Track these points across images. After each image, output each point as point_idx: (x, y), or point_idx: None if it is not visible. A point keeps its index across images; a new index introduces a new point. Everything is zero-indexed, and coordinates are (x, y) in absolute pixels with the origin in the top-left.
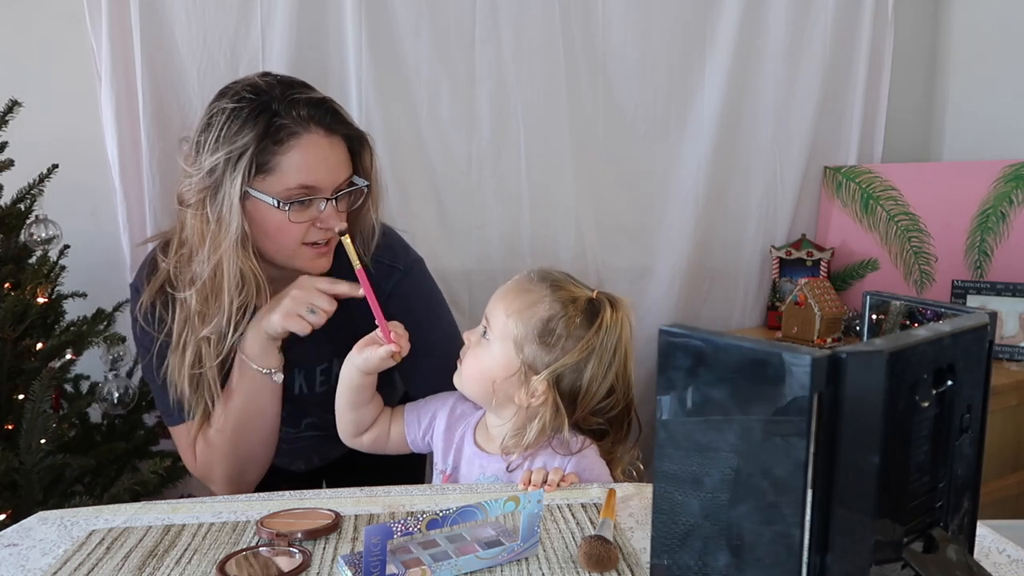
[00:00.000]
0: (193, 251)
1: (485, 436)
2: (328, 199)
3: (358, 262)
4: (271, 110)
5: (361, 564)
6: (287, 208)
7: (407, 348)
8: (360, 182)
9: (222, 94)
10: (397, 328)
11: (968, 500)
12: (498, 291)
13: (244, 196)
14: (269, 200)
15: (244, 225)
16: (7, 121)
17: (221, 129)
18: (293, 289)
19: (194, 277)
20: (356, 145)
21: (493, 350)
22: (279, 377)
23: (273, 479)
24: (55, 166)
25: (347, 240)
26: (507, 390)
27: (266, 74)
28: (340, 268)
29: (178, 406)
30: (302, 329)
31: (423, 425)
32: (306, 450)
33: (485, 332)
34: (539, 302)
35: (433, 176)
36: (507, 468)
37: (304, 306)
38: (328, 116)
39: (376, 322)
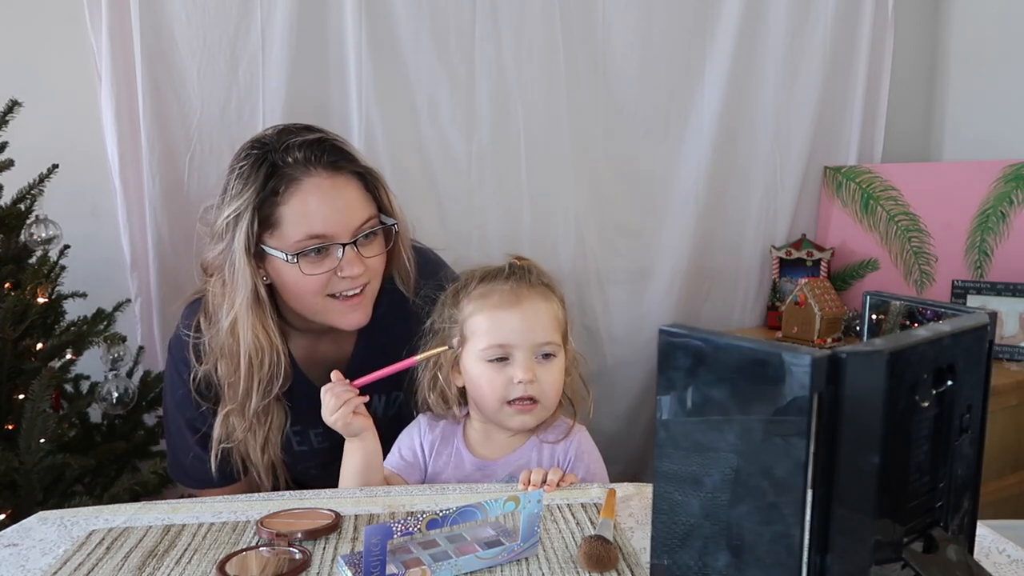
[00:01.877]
0: (214, 319)
1: (485, 446)
2: (345, 244)
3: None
4: (270, 161)
5: (361, 564)
6: (295, 261)
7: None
8: (388, 221)
9: (237, 153)
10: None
11: (968, 500)
12: (517, 320)
13: (259, 255)
14: (280, 255)
15: (259, 286)
16: (7, 121)
17: (229, 189)
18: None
19: (214, 344)
20: (370, 182)
21: (560, 360)
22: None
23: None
24: (55, 166)
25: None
26: None
27: (279, 126)
28: (385, 316)
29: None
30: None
31: (420, 468)
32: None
33: (546, 356)
34: (548, 293)
35: (433, 176)
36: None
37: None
38: (326, 154)
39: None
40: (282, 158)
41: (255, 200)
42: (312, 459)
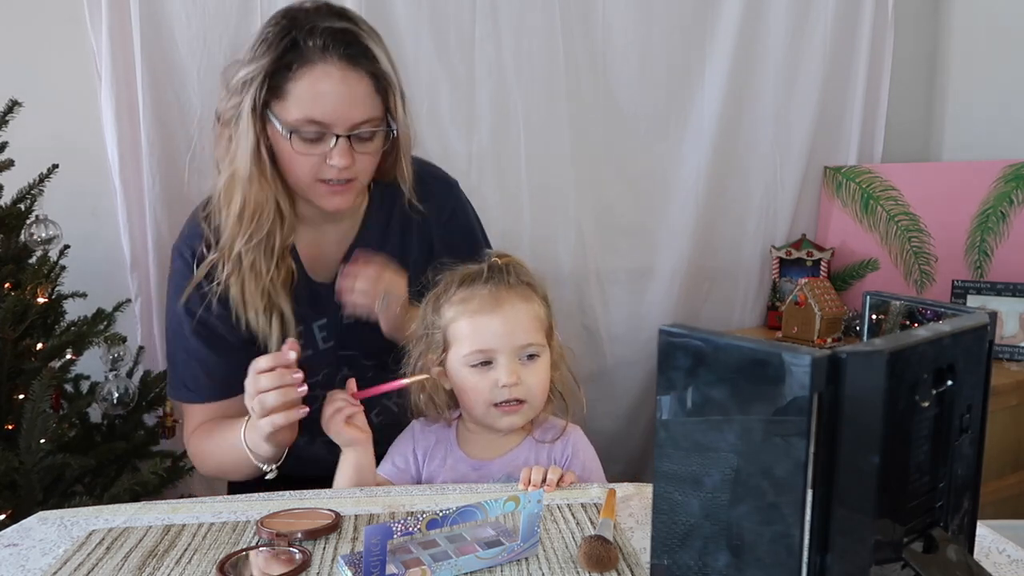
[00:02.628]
0: (219, 169)
1: (479, 447)
2: (339, 136)
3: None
4: (293, 36)
5: (361, 564)
6: (288, 138)
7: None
8: (393, 126)
9: (270, 18)
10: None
11: (968, 500)
12: (498, 324)
13: (265, 117)
14: (278, 127)
15: (261, 145)
16: (7, 121)
17: (253, 49)
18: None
19: (214, 198)
20: (383, 84)
21: (545, 359)
22: (272, 475)
23: (284, 485)
24: (55, 166)
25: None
26: None
27: (325, 3)
28: (385, 214)
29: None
30: (285, 419)
31: (415, 473)
32: (317, 458)
33: (530, 357)
34: (528, 291)
35: None
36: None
37: (256, 403)
38: (348, 47)
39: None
40: (305, 38)
41: (269, 68)
42: (319, 366)
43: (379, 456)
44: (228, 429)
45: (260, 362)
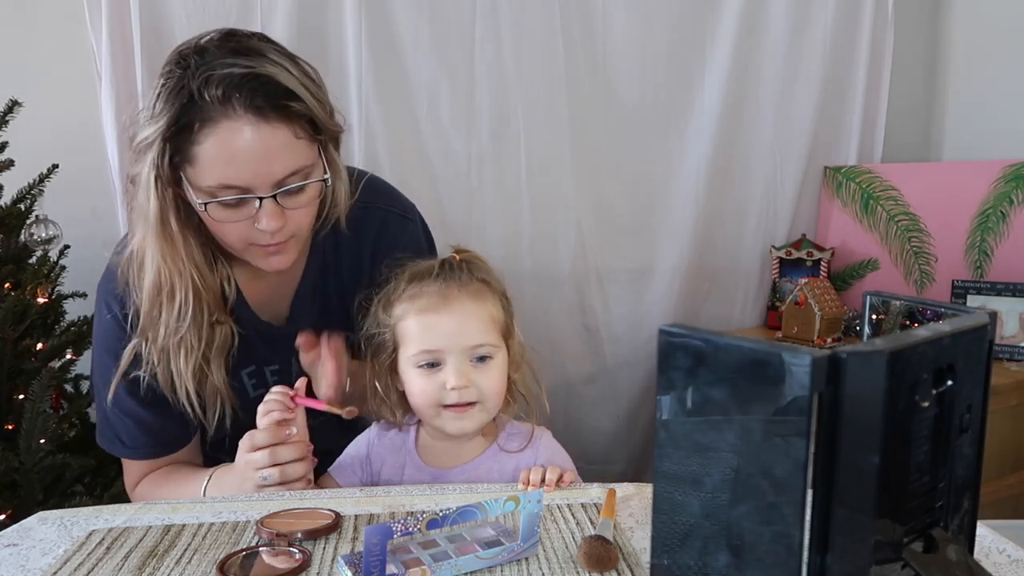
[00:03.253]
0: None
1: (439, 455)
2: (263, 198)
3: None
4: (188, 89)
5: (361, 564)
6: (204, 209)
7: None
8: (326, 174)
9: (167, 58)
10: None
11: (968, 500)
12: (448, 324)
13: (177, 180)
14: (191, 194)
15: (168, 216)
16: (7, 121)
17: (150, 105)
18: (239, 457)
19: (126, 269)
20: (306, 125)
21: (499, 360)
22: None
23: None
24: (55, 166)
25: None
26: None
27: (217, 32)
28: (330, 255)
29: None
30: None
31: (364, 479)
32: None
33: (482, 359)
34: (483, 289)
35: (433, 176)
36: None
37: (259, 476)
38: (255, 95)
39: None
40: (200, 90)
41: (167, 132)
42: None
43: (336, 456)
44: (183, 483)
45: (258, 436)
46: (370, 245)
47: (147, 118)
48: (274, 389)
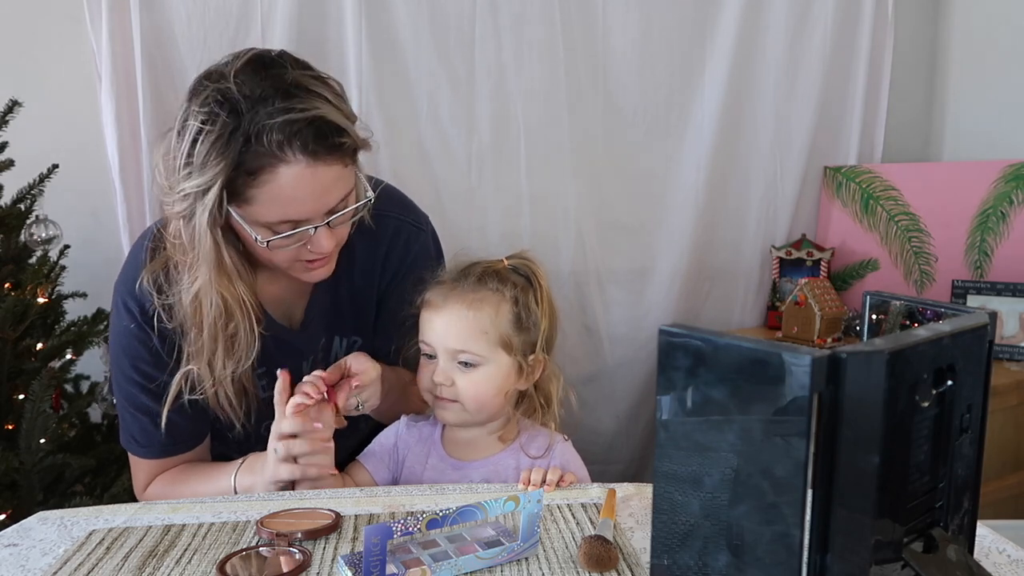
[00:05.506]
0: (177, 270)
1: (462, 447)
2: (318, 226)
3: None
4: (243, 133)
5: (361, 564)
6: (266, 244)
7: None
8: (364, 196)
9: (195, 92)
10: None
11: (968, 500)
12: (439, 324)
13: (226, 218)
14: (248, 231)
15: (225, 257)
16: (7, 121)
17: (193, 151)
18: (269, 444)
19: (177, 309)
20: (349, 151)
21: (489, 369)
22: None
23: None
24: (55, 166)
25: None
26: (514, 389)
27: (248, 64)
28: (351, 265)
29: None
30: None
31: (391, 466)
32: None
33: (466, 364)
34: (492, 300)
35: (433, 176)
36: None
37: (292, 469)
38: (311, 140)
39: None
40: (258, 134)
41: (224, 178)
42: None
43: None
44: (206, 478)
45: (284, 425)
46: (383, 252)
47: (197, 166)
48: (312, 374)
